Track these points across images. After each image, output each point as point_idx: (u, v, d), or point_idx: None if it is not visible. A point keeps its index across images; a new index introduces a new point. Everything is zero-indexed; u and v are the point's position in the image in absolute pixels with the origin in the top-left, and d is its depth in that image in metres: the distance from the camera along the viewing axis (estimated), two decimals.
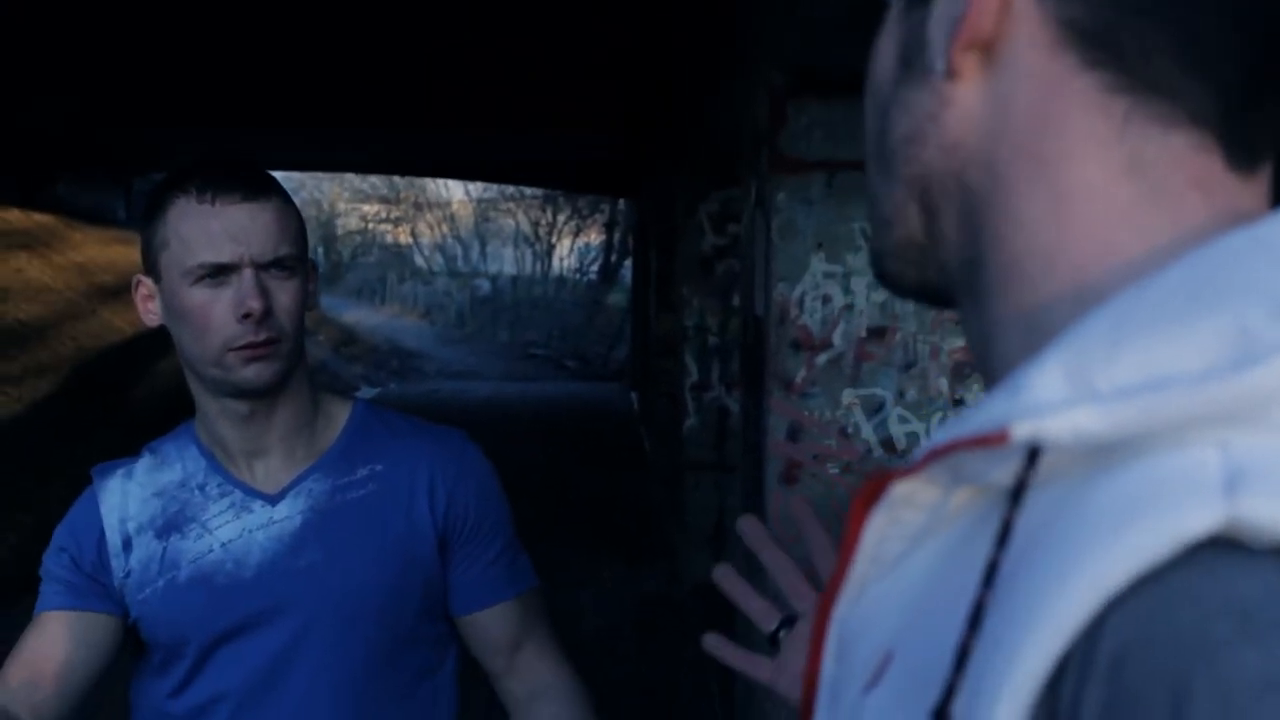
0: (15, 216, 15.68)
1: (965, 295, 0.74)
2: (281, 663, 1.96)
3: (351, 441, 2.07)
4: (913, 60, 0.74)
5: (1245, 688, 0.49)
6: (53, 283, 14.97)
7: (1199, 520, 0.52)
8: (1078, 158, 0.66)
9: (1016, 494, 0.60)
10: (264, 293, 1.87)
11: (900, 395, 4.05)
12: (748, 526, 1.35)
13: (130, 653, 2.05)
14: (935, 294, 0.78)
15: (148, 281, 1.97)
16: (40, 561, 2.05)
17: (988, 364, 0.72)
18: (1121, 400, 0.56)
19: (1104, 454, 0.58)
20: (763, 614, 1.32)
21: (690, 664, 7.25)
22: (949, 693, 0.58)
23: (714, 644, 1.35)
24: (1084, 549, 0.54)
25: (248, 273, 1.87)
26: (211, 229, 1.86)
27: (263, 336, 1.88)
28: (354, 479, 2.03)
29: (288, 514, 1.99)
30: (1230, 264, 0.59)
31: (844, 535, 0.72)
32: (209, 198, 1.87)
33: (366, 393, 21.19)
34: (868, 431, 4.05)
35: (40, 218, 16.32)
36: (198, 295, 1.88)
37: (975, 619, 0.59)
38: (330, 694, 1.97)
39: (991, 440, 0.60)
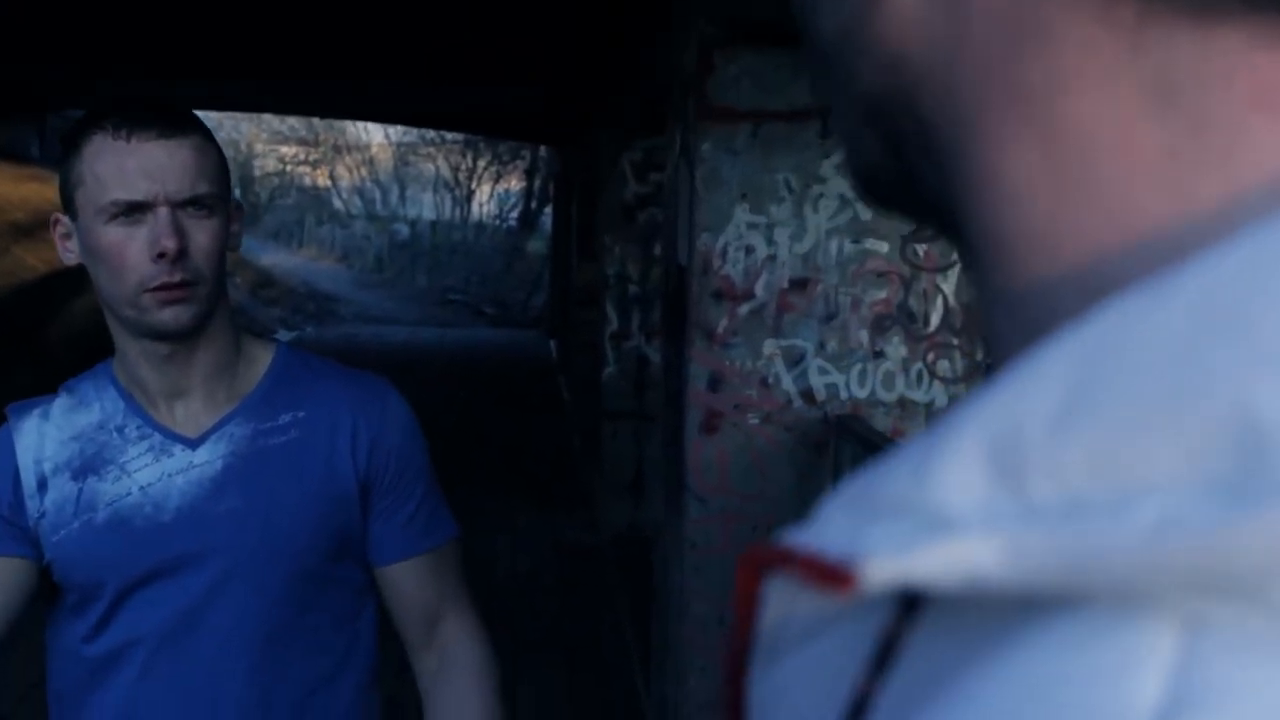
0: None
1: (956, 238, 0.48)
2: (198, 608, 1.94)
3: (274, 386, 2.05)
4: None
5: None
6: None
7: None
8: (1074, 85, 0.41)
9: (882, 656, 0.42)
10: (180, 232, 1.84)
11: (821, 346, 4.07)
12: None
13: (45, 596, 2.03)
14: (926, 220, 0.52)
15: (65, 219, 1.94)
16: None
17: (985, 333, 0.48)
18: (1039, 530, 0.34)
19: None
20: None
21: (607, 612, 7.29)
22: None
23: None
24: None
25: (163, 211, 1.83)
26: (126, 166, 1.83)
27: (178, 278, 1.85)
28: (276, 424, 2.01)
29: (208, 458, 1.97)
30: (1261, 285, 0.34)
31: (737, 598, 0.48)
32: (124, 134, 1.83)
33: (284, 336, 21.03)
34: (788, 382, 4.08)
35: None
36: (112, 234, 1.84)
37: None
38: (246, 640, 1.95)
39: (832, 578, 0.38)
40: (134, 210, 1.83)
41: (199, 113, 1.93)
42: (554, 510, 9.57)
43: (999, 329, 0.46)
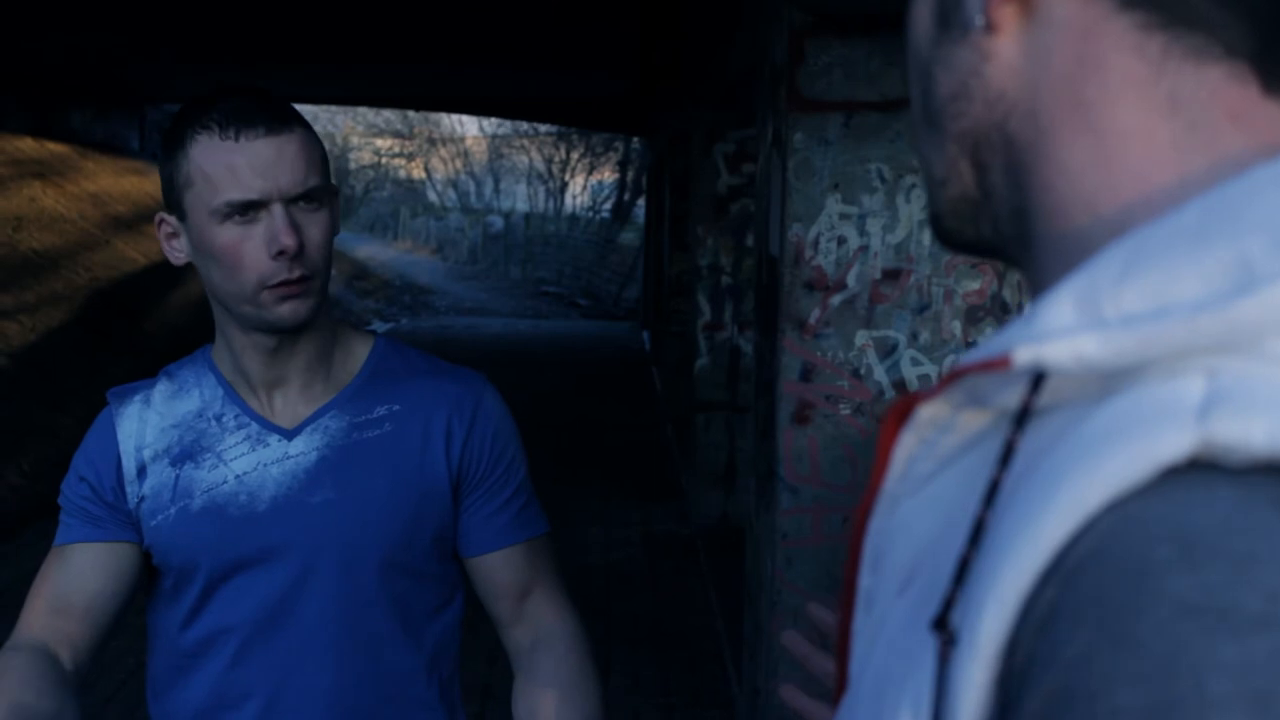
0: (29, 146, 15.66)
1: (1018, 247, 0.76)
2: (288, 599, 1.96)
3: (370, 379, 2.06)
4: (950, 18, 0.76)
5: (1169, 609, 0.51)
6: (67, 212, 14.98)
7: (1171, 445, 0.55)
8: (1117, 100, 0.68)
9: (1020, 417, 0.63)
10: (295, 228, 1.85)
11: (913, 337, 4.05)
12: (791, 640, 1.38)
13: (146, 581, 2.06)
14: (992, 248, 0.79)
15: (171, 219, 1.94)
16: (56, 489, 2.05)
17: (1033, 280, 0.75)
18: (1124, 327, 0.59)
19: (1107, 381, 0.61)
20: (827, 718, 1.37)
21: (698, 603, 7.29)
22: (948, 604, 0.61)
23: (789, 694, 1.37)
24: (1068, 473, 0.57)
25: (278, 209, 1.84)
26: (237, 165, 1.83)
27: (297, 274, 1.86)
28: (371, 418, 2.02)
29: (303, 450, 1.99)
30: (1244, 197, 0.60)
31: (877, 451, 0.75)
32: (232, 133, 1.83)
33: (379, 328, 21.21)
34: (880, 373, 4.06)
35: (54, 147, 16.31)
36: (227, 234, 1.85)
37: (975, 536, 0.62)
38: (336, 632, 1.97)
39: (995, 365, 0.63)
40: (249, 209, 1.84)
41: (294, 106, 1.95)
42: (646, 501, 9.59)
43: (1048, 268, 0.72)
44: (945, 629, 0.61)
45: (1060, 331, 0.60)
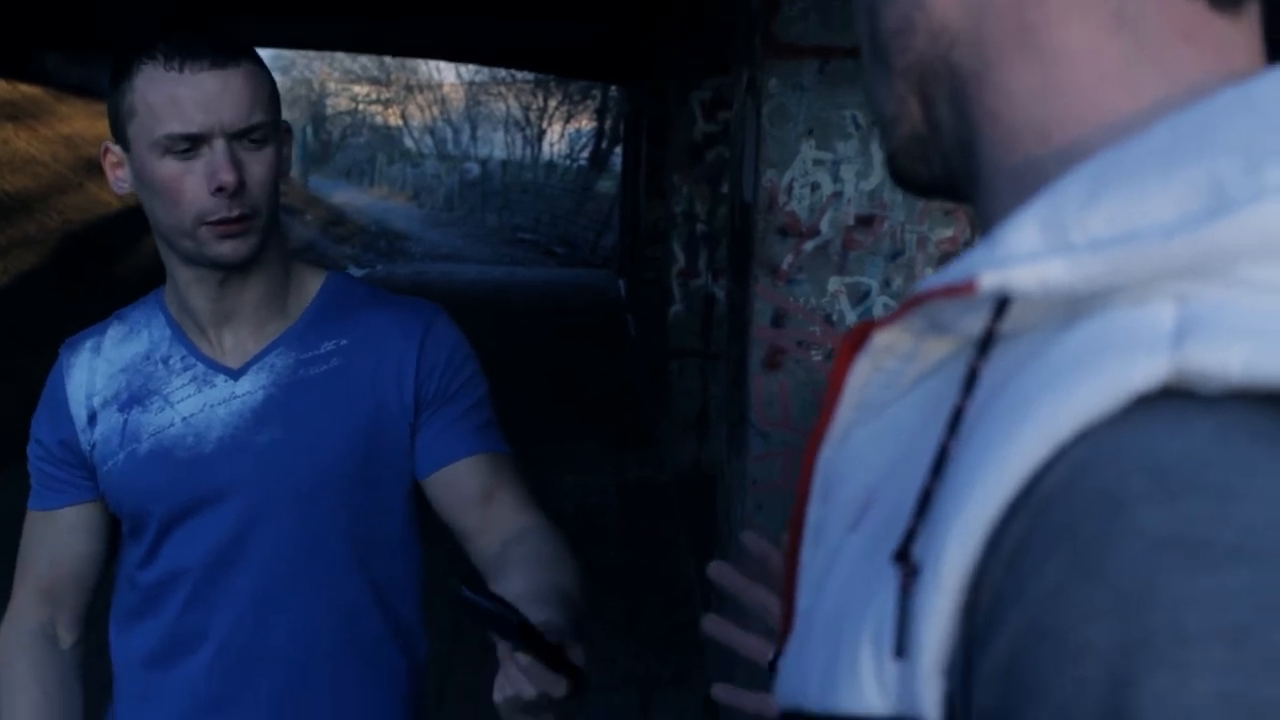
0: (2, 88, 15.54)
1: (968, 182, 0.75)
2: (239, 541, 1.94)
3: (319, 314, 2.03)
4: None
5: (1143, 543, 0.50)
6: (39, 155, 14.87)
7: (1145, 371, 0.54)
8: (1062, 20, 0.67)
9: (984, 344, 0.62)
10: (237, 165, 1.81)
11: (886, 284, 4.06)
12: (720, 572, 1.35)
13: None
14: (946, 187, 0.78)
15: (116, 149, 1.91)
16: (28, 431, 2.06)
17: (983, 212, 0.74)
18: (1091, 252, 0.57)
19: (1072, 308, 0.59)
20: (758, 650, 1.33)
21: (670, 548, 7.32)
22: (909, 536, 0.60)
23: (713, 625, 1.35)
24: (1036, 400, 0.56)
25: (219, 144, 1.81)
26: (180, 98, 1.79)
27: (236, 212, 1.83)
28: (318, 354, 1.99)
29: (249, 389, 1.96)
30: (1214, 119, 0.59)
31: (830, 379, 0.74)
32: (176, 64, 1.80)
33: (354, 274, 21.13)
34: (852, 319, 4.07)
35: (27, 89, 16.18)
36: (168, 167, 1.82)
37: (938, 465, 0.61)
38: (288, 571, 1.95)
39: (960, 290, 0.61)
40: (190, 142, 1.80)
41: (271, 51, 1.92)
42: (620, 448, 9.61)
43: (1001, 201, 0.70)
44: (907, 561, 0.60)
45: (1025, 256, 0.59)
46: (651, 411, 10.55)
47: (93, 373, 2.01)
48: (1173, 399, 0.54)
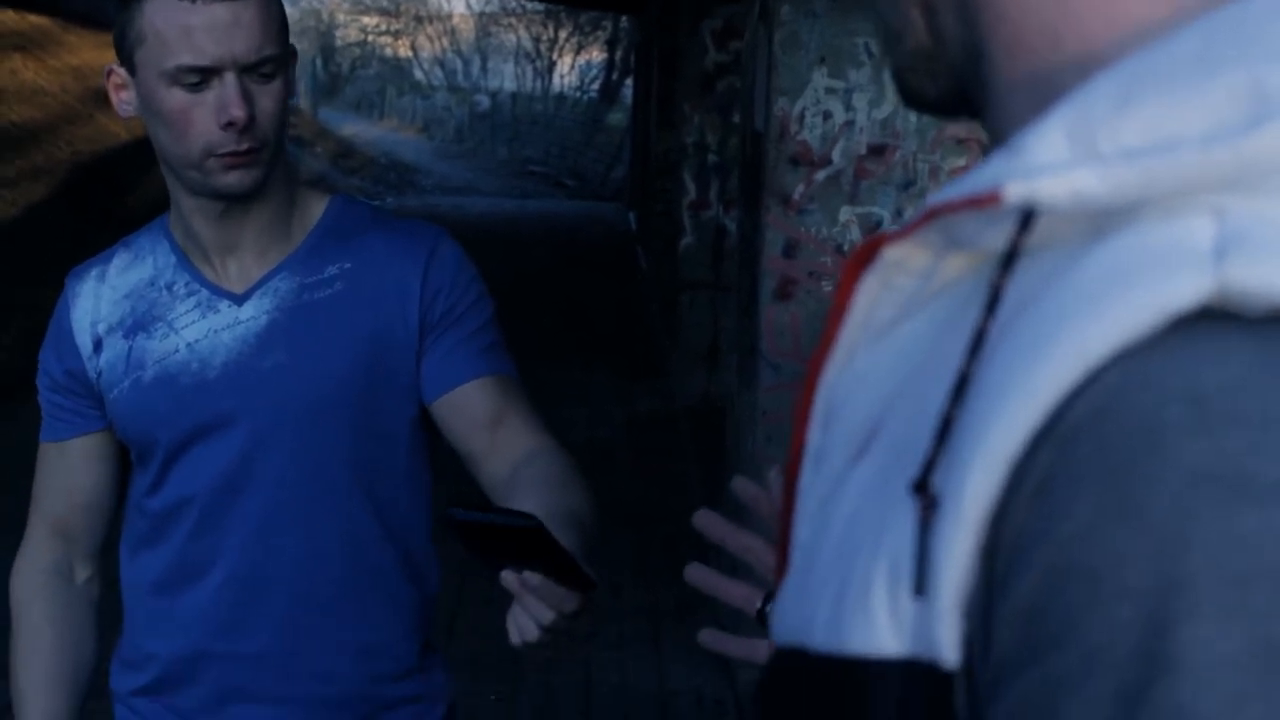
0: (9, 17, 15.46)
1: (978, 94, 0.70)
2: (244, 465, 1.94)
3: (323, 239, 2.01)
4: None
5: (1181, 478, 0.48)
6: (47, 85, 14.82)
7: (1185, 290, 0.50)
8: None
9: (1008, 259, 0.58)
10: (247, 98, 1.79)
11: (898, 214, 4.03)
12: (705, 521, 1.31)
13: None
14: (955, 103, 0.74)
15: (121, 72, 1.88)
16: (34, 366, 2.06)
17: (1001, 138, 0.69)
18: (1124, 162, 0.53)
19: (1101, 220, 0.55)
20: (744, 598, 1.27)
21: (679, 481, 7.33)
22: (929, 465, 0.57)
23: (696, 574, 1.31)
24: (1065, 320, 0.53)
25: (230, 77, 1.78)
26: (192, 27, 1.76)
27: (245, 145, 1.81)
28: (321, 278, 1.97)
29: (253, 314, 1.95)
30: (1250, 24, 0.55)
31: (834, 299, 0.69)
32: None
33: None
34: None
35: (35, 19, 16.11)
36: (177, 98, 1.79)
37: (959, 390, 0.57)
38: (296, 496, 1.94)
39: (984, 201, 0.57)
40: (200, 74, 1.78)
41: None
42: (630, 379, 9.62)
43: (1013, 111, 0.66)
44: (926, 492, 0.56)
45: (1052, 166, 0.55)
46: (661, 344, 10.55)
47: (98, 300, 2.00)
48: (1211, 320, 0.51)
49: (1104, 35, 0.62)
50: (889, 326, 0.68)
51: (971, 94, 0.71)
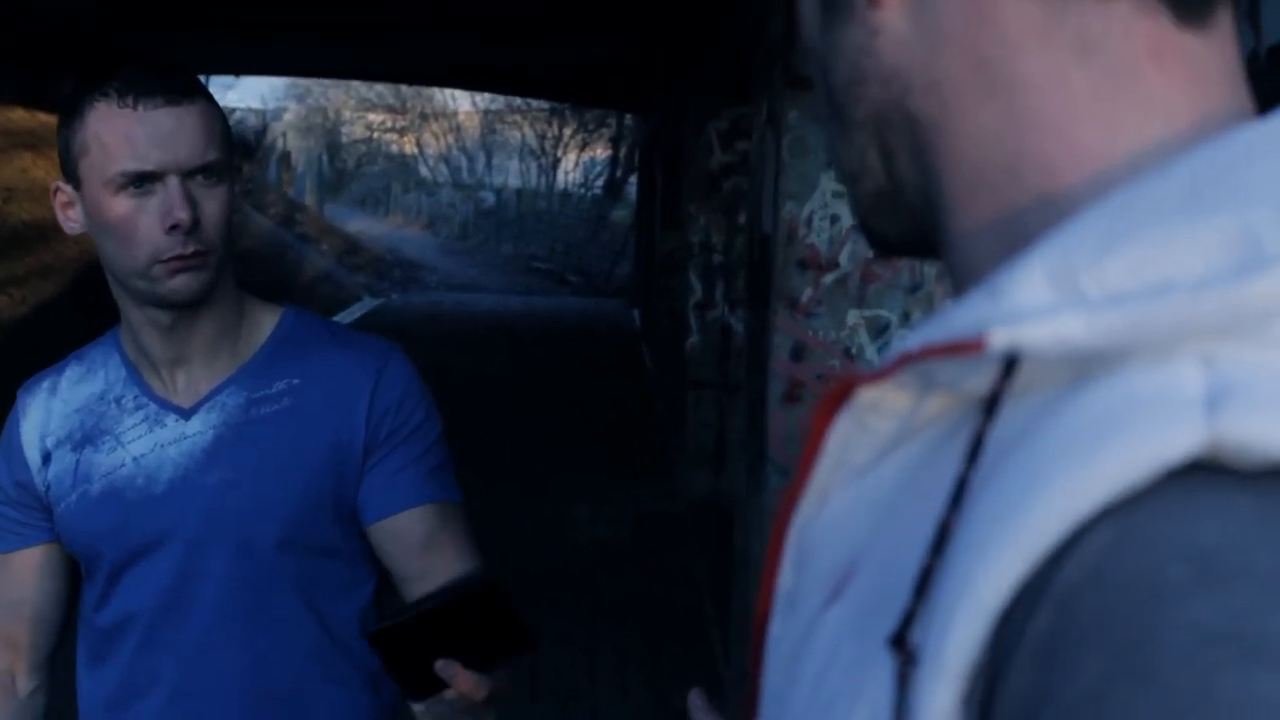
0: (20, 116, 15.58)
1: (936, 233, 0.69)
2: (187, 582, 1.92)
3: (273, 353, 2.00)
4: (833, 1, 0.71)
5: (1193, 638, 0.45)
6: None
7: (1177, 442, 0.48)
8: (1019, 51, 0.62)
9: (990, 406, 0.56)
10: (191, 202, 1.80)
11: (905, 317, 4.04)
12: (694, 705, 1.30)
13: None
14: (916, 244, 0.73)
15: (66, 188, 1.89)
16: None
17: (964, 282, 0.68)
18: (1112, 307, 0.52)
19: (1085, 366, 0.54)
20: None
21: (687, 582, 7.29)
22: (908, 620, 0.55)
23: (695, 703, 1.28)
24: (1051, 471, 0.51)
25: (173, 181, 1.79)
26: (135, 135, 1.78)
27: (191, 249, 1.81)
28: (269, 393, 1.96)
29: (200, 429, 1.94)
30: (1236, 162, 0.54)
31: (807, 440, 0.67)
32: (130, 101, 1.79)
33: (368, 303, 21.20)
34: (871, 353, 4.05)
35: (46, 118, 16.20)
36: (121, 205, 1.80)
37: (939, 542, 0.55)
38: (238, 613, 1.93)
39: (966, 348, 0.55)
40: (144, 180, 1.79)
41: (288, 79, 1.90)
42: (635, 479, 9.59)
43: (977, 267, 0.64)
44: (904, 647, 0.54)
45: (1036, 311, 0.53)
46: (667, 443, 10.54)
47: (48, 413, 2.01)
48: (1204, 473, 0.49)
49: (1066, 172, 0.61)
50: (863, 469, 0.66)
51: (930, 236, 0.70)
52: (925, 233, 0.70)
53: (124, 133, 1.78)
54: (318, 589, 1.97)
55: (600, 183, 36.52)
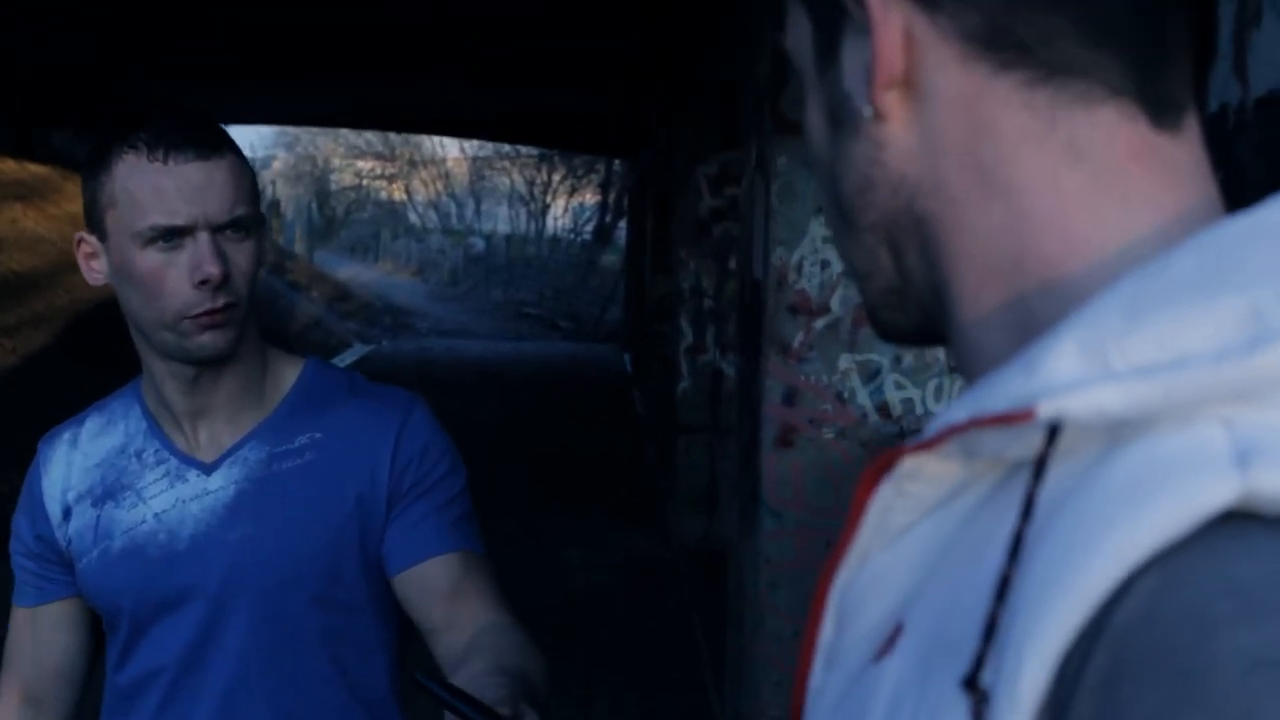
0: (10, 166, 15.61)
1: (943, 322, 0.76)
2: (210, 639, 1.89)
3: (295, 406, 1.98)
4: (840, 116, 0.77)
5: (1240, 665, 0.51)
6: (47, 234, 14.92)
7: (1215, 494, 0.55)
8: (1016, 157, 0.69)
9: (1038, 470, 0.62)
10: (222, 257, 1.78)
11: (897, 361, 4.05)
12: None
13: None
14: (926, 333, 0.80)
15: (91, 239, 1.87)
16: None
17: (974, 370, 0.74)
18: (1141, 379, 0.58)
19: (1117, 431, 0.60)
20: None
21: (680, 627, 7.28)
22: (978, 663, 0.60)
23: None
24: (1105, 526, 0.56)
25: (203, 236, 1.77)
26: (164, 189, 1.76)
27: (220, 303, 1.79)
28: (291, 448, 1.94)
29: (221, 484, 1.92)
30: (1238, 248, 0.61)
31: (851, 506, 0.73)
32: (160, 155, 1.77)
33: (359, 349, 21.19)
34: (863, 397, 4.05)
35: (35, 168, 16.26)
36: (150, 259, 1.78)
37: (1001, 592, 0.60)
38: (261, 670, 1.90)
39: (1016, 418, 0.61)
40: (173, 235, 1.77)
41: (276, 128, 1.90)
42: (627, 524, 9.58)
43: (989, 349, 0.72)
44: (976, 688, 0.59)
45: (1074, 383, 0.60)
46: (658, 487, 10.52)
47: (69, 467, 1.99)
48: (1235, 521, 0.55)
49: (1065, 262, 0.68)
50: (902, 532, 0.72)
51: (938, 323, 0.77)
52: (933, 322, 0.77)
53: (153, 186, 1.76)
54: (343, 645, 1.95)
55: (590, 228, 36.58)
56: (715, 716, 5.79)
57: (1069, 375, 0.61)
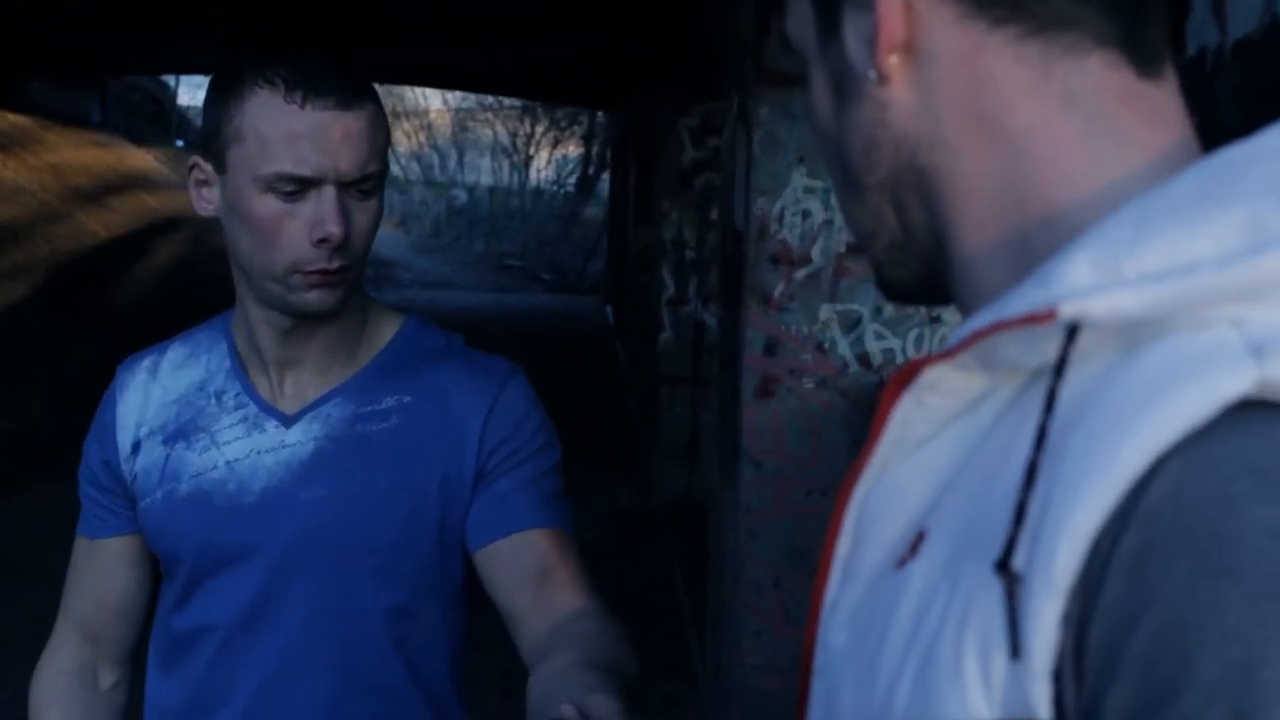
0: None
1: (945, 269, 0.82)
2: (270, 601, 1.80)
3: (387, 365, 1.88)
4: (845, 87, 0.83)
5: (1262, 534, 0.56)
6: (27, 184, 14.85)
7: (1234, 383, 0.60)
8: (1015, 105, 0.75)
9: (1059, 368, 0.67)
10: (345, 215, 1.68)
11: (878, 311, 4.06)
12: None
13: None
14: (932, 289, 0.86)
15: (207, 167, 1.75)
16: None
17: (975, 304, 0.80)
18: (1154, 283, 0.63)
19: (1130, 335, 0.66)
20: None
21: (661, 577, 7.30)
22: (1009, 548, 0.64)
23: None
24: (1132, 414, 0.62)
25: (330, 191, 1.67)
26: (297, 134, 1.64)
27: (336, 264, 1.70)
28: (378, 409, 1.84)
29: (300, 439, 1.82)
30: (1238, 167, 0.66)
31: (874, 418, 0.79)
32: (299, 97, 1.65)
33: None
34: (844, 347, 4.07)
35: (14, 118, 16.16)
36: (269, 205, 1.67)
37: (1029, 479, 0.65)
38: (321, 640, 1.80)
39: (1039, 319, 0.67)
40: (299, 185, 1.67)
41: None
42: (609, 475, 9.58)
43: (988, 279, 0.77)
44: (1009, 570, 0.64)
45: (1090, 288, 0.65)
46: (640, 438, 10.53)
47: (147, 398, 1.91)
48: (1251, 409, 0.61)
49: (1064, 196, 0.74)
50: (918, 443, 0.78)
51: (940, 274, 0.83)
52: (935, 274, 0.83)
53: (286, 131, 1.65)
54: (408, 625, 1.86)
55: (573, 180, 36.44)
56: (695, 665, 5.81)
57: (1083, 282, 0.66)
